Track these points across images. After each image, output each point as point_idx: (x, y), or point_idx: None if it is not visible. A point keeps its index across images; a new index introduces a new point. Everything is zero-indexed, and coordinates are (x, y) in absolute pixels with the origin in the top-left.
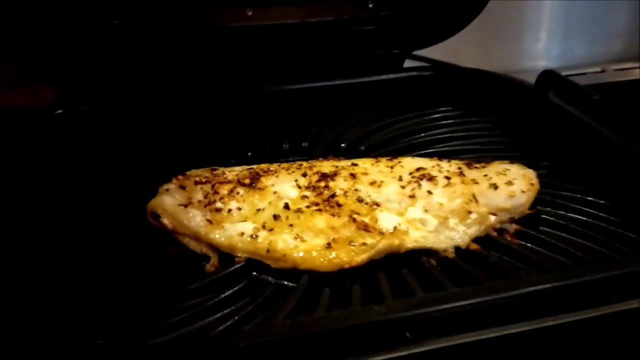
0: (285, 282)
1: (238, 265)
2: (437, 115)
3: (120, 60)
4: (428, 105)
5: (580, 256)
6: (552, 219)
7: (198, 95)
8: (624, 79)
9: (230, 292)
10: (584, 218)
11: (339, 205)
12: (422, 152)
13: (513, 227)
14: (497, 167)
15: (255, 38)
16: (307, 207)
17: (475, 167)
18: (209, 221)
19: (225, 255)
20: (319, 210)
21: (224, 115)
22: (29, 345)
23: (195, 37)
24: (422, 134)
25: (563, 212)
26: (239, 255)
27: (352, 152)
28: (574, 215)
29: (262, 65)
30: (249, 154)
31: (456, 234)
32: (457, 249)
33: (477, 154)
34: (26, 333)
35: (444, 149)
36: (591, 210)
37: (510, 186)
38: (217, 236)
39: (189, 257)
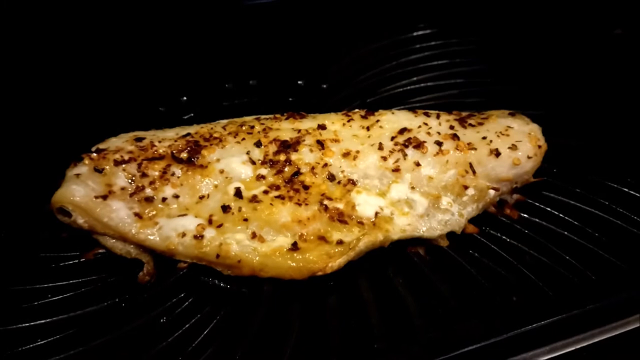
0: (244, 290)
1: (181, 273)
2: (412, 36)
3: None
4: (399, 22)
5: (589, 232)
6: (555, 182)
7: (111, 23)
8: None
9: (174, 313)
10: (593, 177)
11: (306, 187)
12: (397, 89)
13: (514, 197)
14: (496, 123)
15: None
16: (265, 192)
17: (471, 125)
18: (138, 215)
19: (163, 258)
20: (281, 197)
21: (147, 48)
22: None
23: None
24: (394, 63)
25: (567, 172)
26: (180, 260)
27: (312, 93)
28: (580, 176)
29: None
30: (184, 98)
31: (450, 217)
32: (451, 232)
33: (462, 89)
34: None
35: (422, 84)
36: (599, 167)
37: (514, 151)
38: (150, 237)
39: (115, 264)
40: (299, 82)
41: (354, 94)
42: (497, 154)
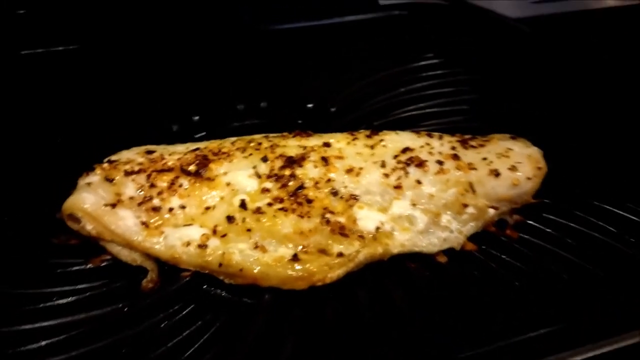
0: (245, 299)
1: (184, 281)
2: (419, 66)
3: None
4: (408, 51)
5: (589, 254)
6: (555, 204)
7: (129, 42)
8: None
9: (175, 319)
10: (593, 201)
11: (309, 201)
12: (403, 114)
13: (514, 218)
14: (497, 145)
15: None
16: (269, 204)
17: (472, 147)
18: (145, 224)
19: (167, 266)
20: (284, 209)
21: (162, 68)
22: None
23: None
24: (402, 89)
25: (567, 196)
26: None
27: (321, 115)
28: (580, 199)
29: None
30: (196, 117)
31: (449, 234)
32: (451, 249)
33: (466, 116)
34: None
35: (428, 110)
36: (599, 191)
37: (514, 172)
38: (155, 245)
39: (120, 271)
40: (309, 105)
41: (361, 117)
42: (497, 174)
